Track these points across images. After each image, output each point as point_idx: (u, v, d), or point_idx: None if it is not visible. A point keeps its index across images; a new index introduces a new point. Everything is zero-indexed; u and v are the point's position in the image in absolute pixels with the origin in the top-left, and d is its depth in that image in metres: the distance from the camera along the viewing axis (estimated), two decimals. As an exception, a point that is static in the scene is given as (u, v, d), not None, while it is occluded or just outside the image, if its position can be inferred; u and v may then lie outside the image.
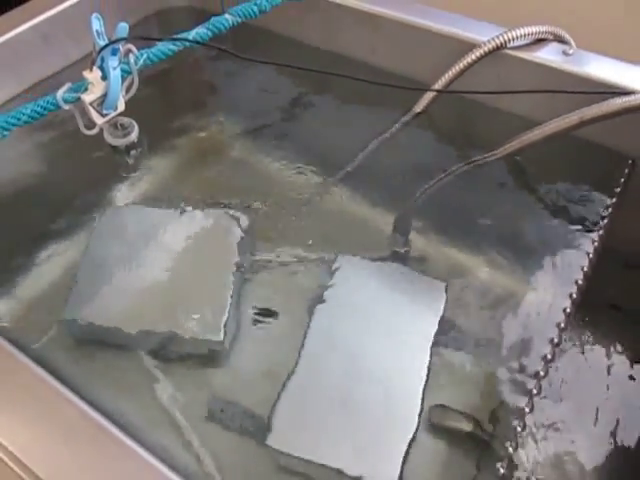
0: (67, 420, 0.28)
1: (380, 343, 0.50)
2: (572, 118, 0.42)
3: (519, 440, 0.43)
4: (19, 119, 0.41)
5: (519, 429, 0.42)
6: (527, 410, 0.41)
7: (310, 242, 0.59)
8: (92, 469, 0.28)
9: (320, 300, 0.53)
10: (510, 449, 0.41)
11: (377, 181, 0.60)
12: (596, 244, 0.43)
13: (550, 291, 0.47)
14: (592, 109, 0.42)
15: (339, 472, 0.43)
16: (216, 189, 0.64)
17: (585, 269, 0.41)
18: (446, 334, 0.51)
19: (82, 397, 0.32)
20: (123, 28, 0.41)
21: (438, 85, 0.48)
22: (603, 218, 0.44)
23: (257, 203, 0.62)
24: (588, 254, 0.42)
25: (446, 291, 0.53)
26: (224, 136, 0.69)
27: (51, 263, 0.59)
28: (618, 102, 0.42)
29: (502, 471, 0.41)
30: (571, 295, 0.40)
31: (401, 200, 0.53)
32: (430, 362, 0.48)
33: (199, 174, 0.66)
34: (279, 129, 0.67)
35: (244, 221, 0.58)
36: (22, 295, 0.57)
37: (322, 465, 0.43)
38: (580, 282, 0.40)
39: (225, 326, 0.51)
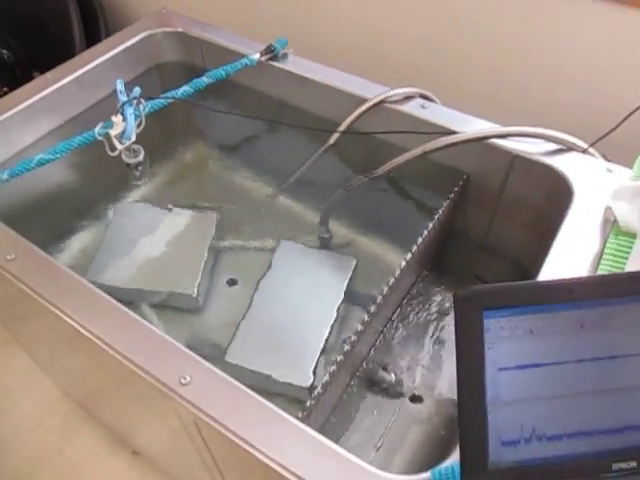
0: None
1: (305, 296, 0.72)
2: (418, 149, 0.65)
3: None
4: (71, 145, 0.63)
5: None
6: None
7: (264, 233, 0.82)
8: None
9: (266, 271, 0.75)
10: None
11: (309, 189, 0.82)
12: (434, 223, 0.65)
13: (399, 251, 0.70)
14: (431, 144, 0.65)
15: (269, 377, 0.64)
16: (196, 195, 0.86)
17: (422, 238, 0.64)
18: (351, 293, 0.73)
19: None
20: (137, 91, 0.64)
21: (343, 126, 0.72)
22: (440, 208, 0.66)
23: (226, 205, 0.83)
24: (427, 228, 0.63)
25: (355, 263, 0.76)
26: (202, 158, 0.92)
27: (78, 240, 0.79)
28: (446, 139, 0.65)
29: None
30: (409, 251, 0.62)
31: (324, 202, 0.77)
32: (339, 310, 0.70)
33: (185, 184, 0.88)
34: (242, 153, 0.89)
35: (216, 217, 0.78)
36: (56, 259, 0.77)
37: (256, 372, 0.64)
38: (416, 247, 0.63)
39: (198, 285, 0.73)
